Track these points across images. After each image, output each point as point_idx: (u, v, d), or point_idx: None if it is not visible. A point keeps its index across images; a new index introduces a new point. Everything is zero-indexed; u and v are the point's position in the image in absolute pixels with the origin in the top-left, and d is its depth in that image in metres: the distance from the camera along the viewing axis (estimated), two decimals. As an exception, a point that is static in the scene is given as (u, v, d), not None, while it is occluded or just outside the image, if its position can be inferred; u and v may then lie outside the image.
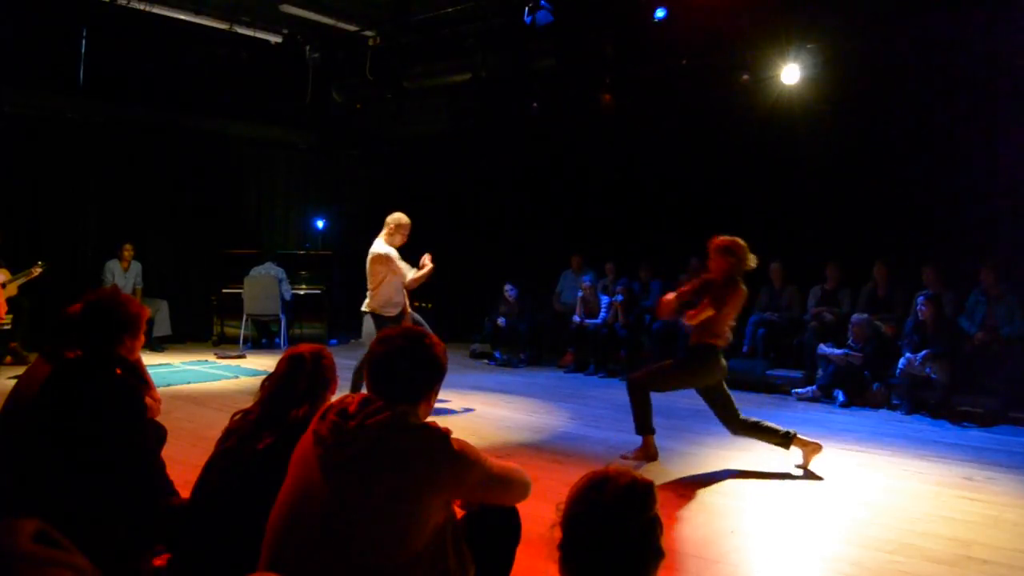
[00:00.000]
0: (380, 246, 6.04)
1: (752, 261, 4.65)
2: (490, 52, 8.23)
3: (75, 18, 8.36)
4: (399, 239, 6.08)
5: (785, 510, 3.97)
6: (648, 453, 4.80)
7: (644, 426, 4.77)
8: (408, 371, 1.99)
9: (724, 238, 4.65)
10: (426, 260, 6.03)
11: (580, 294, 8.94)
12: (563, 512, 1.57)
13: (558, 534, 1.55)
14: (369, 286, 6.09)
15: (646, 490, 1.55)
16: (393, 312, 6.02)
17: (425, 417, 2.04)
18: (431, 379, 2.04)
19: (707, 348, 4.60)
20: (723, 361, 4.67)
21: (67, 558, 0.69)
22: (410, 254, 6.25)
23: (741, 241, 4.63)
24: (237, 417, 2.43)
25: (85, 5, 7.95)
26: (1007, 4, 6.66)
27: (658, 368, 4.92)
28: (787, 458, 4.97)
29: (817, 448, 4.60)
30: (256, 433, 2.31)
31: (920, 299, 6.58)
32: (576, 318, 8.82)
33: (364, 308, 6.19)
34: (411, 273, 6.06)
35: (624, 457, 4.82)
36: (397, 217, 6.11)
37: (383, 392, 1.97)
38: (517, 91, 9.34)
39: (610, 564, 1.50)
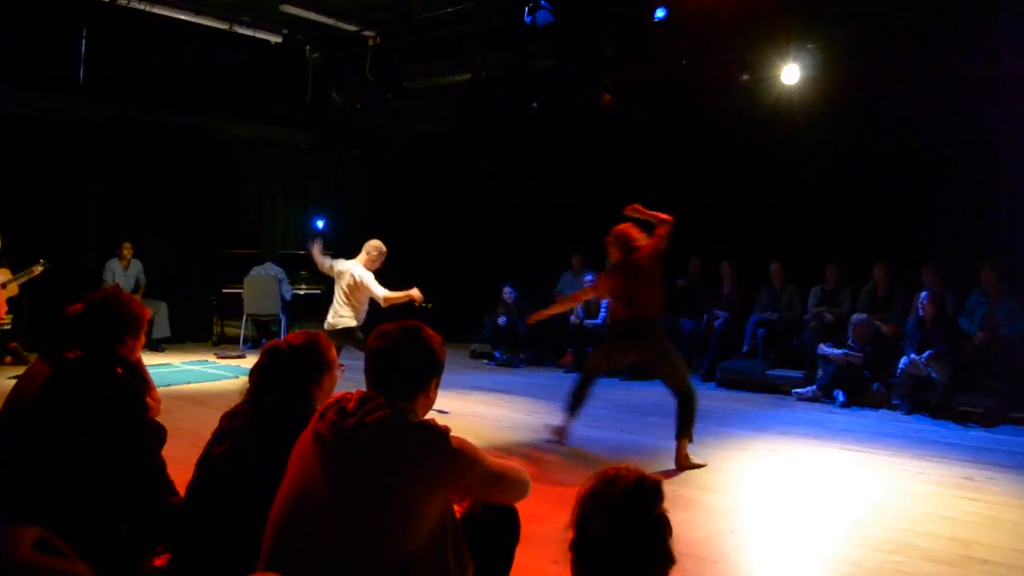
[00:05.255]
0: (361, 270, 6.14)
1: (612, 254, 4.86)
2: (490, 52, 8.22)
3: (75, 18, 8.35)
4: (379, 264, 6.24)
5: (785, 510, 3.97)
6: (563, 432, 5.10)
7: (572, 408, 5.07)
8: (405, 366, 1.99)
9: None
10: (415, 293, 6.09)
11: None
12: (574, 512, 1.58)
13: (570, 535, 1.56)
14: (348, 303, 6.16)
15: (654, 486, 1.57)
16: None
17: (425, 413, 2.04)
18: (429, 373, 2.04)
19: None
20: (653, 329, 4.85)
21: (68, 566, 0.69)
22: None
23: (616, 232, 4.84)
24: (225, 419, 2.42)
25: (85, 5, 7.95)
26: (1007, 4, 6.66)
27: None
28: (786, 459, 4.98)
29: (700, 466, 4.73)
30: (250, 429, 2.30)
31: (923, 296, 6.57)
32: (575, 318, 8.82)
33: (350, 324, 6.16)
34: (382, 291, 6.08)
35: (547, 425, 5.26)
36: (378, 245, 6.26)
37: (381, 388, 1.97)
38: (517, 91, 9.33)
39: (620, 562, 1.51)
